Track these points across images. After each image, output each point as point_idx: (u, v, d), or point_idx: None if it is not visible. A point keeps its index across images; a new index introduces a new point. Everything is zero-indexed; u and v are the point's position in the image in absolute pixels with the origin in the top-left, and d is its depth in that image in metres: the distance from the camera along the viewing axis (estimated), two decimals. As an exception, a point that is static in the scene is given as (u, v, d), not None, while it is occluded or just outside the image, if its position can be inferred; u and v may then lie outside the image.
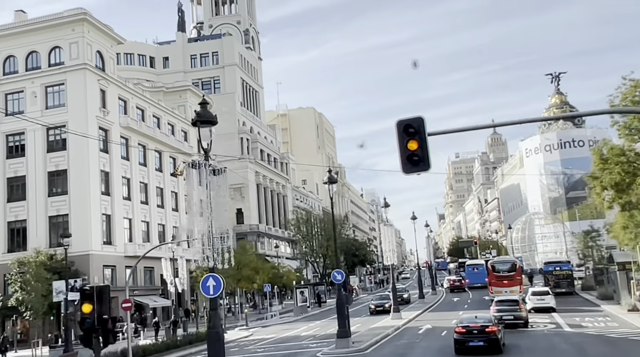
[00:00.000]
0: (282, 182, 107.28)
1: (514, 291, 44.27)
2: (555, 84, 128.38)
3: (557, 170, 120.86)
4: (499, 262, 52.17)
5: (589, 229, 46.41)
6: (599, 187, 33.33)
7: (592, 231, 44.99)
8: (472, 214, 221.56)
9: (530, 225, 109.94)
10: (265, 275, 53.43)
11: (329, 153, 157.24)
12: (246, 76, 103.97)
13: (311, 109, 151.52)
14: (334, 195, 30.21)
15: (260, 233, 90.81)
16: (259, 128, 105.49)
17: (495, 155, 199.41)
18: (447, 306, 48.48)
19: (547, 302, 38.57)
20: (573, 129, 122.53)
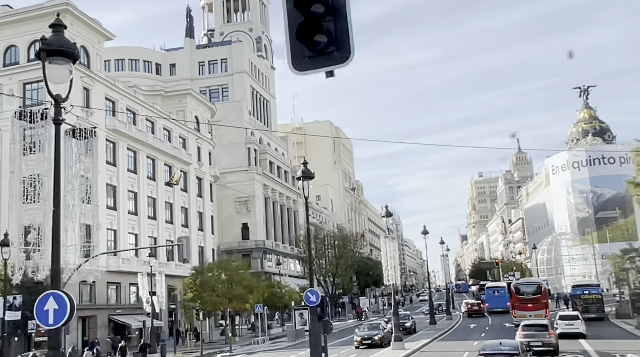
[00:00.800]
0: (292, 196, 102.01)
1: (539, 315, 41.12)
2: (584, 98, 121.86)
3: (585, 189, 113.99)
4: (523, 284, 48.71)
5: (627, 247, 40.63)
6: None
7: (631, 250, 39.17)
8: (495, 234, 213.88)
9: (556, 246, 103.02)
10: (259, 294, 48.02)
11: (346, 168, 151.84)
12: (257, 85, 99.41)
13: (327, 123, 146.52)
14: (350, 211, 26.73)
15: (266, 249, 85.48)
16: (270, 139, 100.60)
17: (519, 174, 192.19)
18: (461, 334, 42.58)
19: (576, 328, 35.41)
20: (603, 145, 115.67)
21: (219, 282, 47.55)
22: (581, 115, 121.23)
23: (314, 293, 19.48)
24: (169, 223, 61.85)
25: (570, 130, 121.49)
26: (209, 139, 73.00)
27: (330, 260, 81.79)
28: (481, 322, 52.00)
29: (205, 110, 73.10)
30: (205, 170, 70.70)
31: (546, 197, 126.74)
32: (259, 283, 48.39)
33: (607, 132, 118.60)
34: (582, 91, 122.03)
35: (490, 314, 61.95)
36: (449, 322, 51.66)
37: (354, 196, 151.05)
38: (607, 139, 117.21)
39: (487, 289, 64.65)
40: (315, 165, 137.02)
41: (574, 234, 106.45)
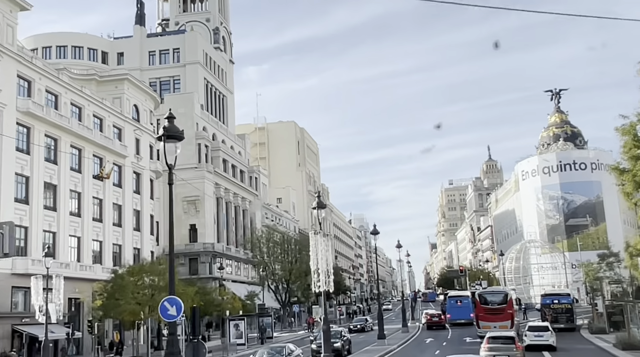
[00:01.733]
0: (249, 197, 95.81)
1: (504, 326, 39.04)
2: (556, 101, 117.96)
3: (556, 195, 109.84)
4: (488, 293, 45.41)
5: (604, 252, 35.68)
6: (631, 184, 21.98)
7: (609, 255, 34.17)
8: (464, 243, 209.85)
9: (525, 254, 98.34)
10: (187, 302, 41.69)
11: (311, 171, 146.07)
12: (212, 77, 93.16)
13: (292, 123, 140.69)
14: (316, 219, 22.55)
15: (215, 253, 79.01)
16: (225, 136, 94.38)
17: (489, 181, 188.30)
18: (413, 350, 36.89)
19: (546, 340, 33.62)
20: (574, 151, 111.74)
21: (140, 288, 41.22)
22: (552, 119, 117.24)
23: (173, 302, 13.53)
24: (97, 221, 55.19)
25: (541, 135, 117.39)
26: (151, 130, 66.50)
27: (284, 265, 75.72)
28: (440, 336, 46.43)
29: (147, 99, 66.64)
30: (144, 165, 64.15)
31: (515, 204, 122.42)
32: (186, 290, 42.06)
33: (579, 137, 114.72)
34: (553, 94, 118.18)
35: (452, 326, 56.49)
36: (404, 335, 45.92)
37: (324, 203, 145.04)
38: (578, 144, 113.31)
39: (449, 299, 59.18)
40: (277, 167, 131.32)
41: (543, 242, 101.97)
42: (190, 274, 76.23)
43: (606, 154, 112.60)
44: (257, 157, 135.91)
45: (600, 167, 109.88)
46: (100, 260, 54.62)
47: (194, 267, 78.41)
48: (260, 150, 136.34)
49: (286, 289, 75.27)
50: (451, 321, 57.59)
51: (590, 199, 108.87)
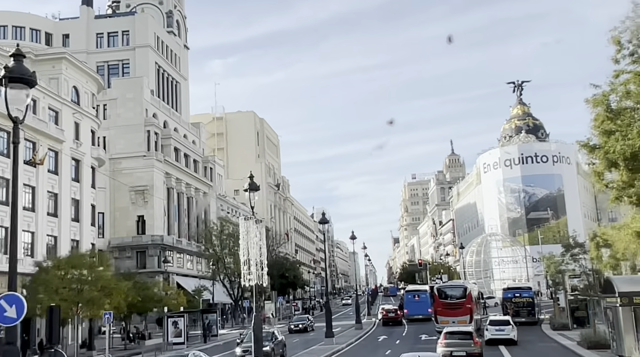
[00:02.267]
0: (203, 188, 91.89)
1: (463, 321, 37.84)
2: (518, 93, 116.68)
3: (517, 188, 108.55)
4: (447, 287, 44.01)
5: (569, 243, 33.40)
6: (603, 162, 19.21)
7: (574, 246, 31.80)
8: (426, 237, 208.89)
9: (486, 247, 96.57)
10: (120, 297, 38.10)
11: (271, 163, 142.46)
12: (164, 62, 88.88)
13: (251, 113, 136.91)
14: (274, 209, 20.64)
15: (165, 246, 75.10)
16: (178, 124, 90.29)
17: (452, 175, 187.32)
18: (363, 350, 33.94)
19: (507, 334, 33.38)
20: (536, 143, 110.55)
21: (67, 283, 37.33)
22: (515, 111, 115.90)
23: (15, 302, 10.16)
24: (29, 211, 50.92)
25: (503, 127, 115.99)
26: (93, 115, 62.25)
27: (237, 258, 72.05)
28: (395, 332, 43.67)
29: (89, 80, 62.29)
30: (85, 151, 59.87)
31: (477, 197, 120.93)
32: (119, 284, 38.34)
33: (541, 130, 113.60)
34: (516, 86, 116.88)
35: (410, 322, 53.97)
36: (356, 333, 42.95)
37: (278, 193, 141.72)
38: (540, 137, 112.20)
39: (406, 294, 56.62)
40: (236, 158, 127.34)
41: (504, 235, 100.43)
42: (138, 268, 72.34)
43: (568, 147, 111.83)
44: (214, 148, 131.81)
45: (562, 160, 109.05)
46: (32, 252, 50.45)
47: (142, 260, 74.45)
48: (218, 140, 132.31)
49: (238, 284, 71.64)
50: (409, 317, 55.08)
51: (551, 192, 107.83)
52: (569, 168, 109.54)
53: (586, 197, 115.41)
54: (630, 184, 19.69)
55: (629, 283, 23.73)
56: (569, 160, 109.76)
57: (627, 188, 19.68)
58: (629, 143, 18.08)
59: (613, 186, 20.19)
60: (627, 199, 20.36)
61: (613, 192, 20.04)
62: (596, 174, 19.92)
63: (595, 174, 19.92)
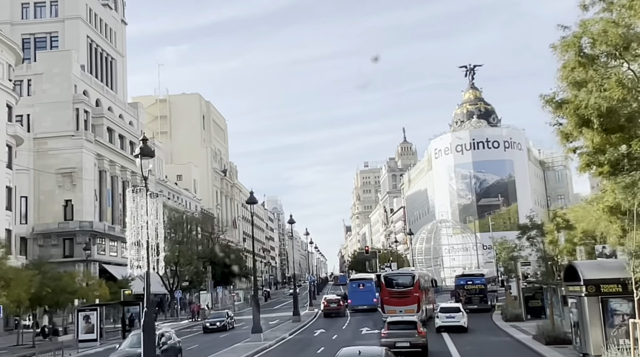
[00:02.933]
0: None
1: (410, 310, 36.10)
2: (470, 77, 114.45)
3: (468, 174, 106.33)
4: (394, 275, 42.23)
5: (525, 224, 30.51)
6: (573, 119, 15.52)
7: (532, 227, 28.76)
8: (377, 225, 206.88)
9: (436, 235, 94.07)
10: (21, 289, 33.23)
11: (217, 148, 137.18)
12: (97, 36, 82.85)
13: (196, 96, 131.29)
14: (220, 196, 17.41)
15: (95, 233, 69.70)
16: (113, 103, 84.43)
17: (403, 162, 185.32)
18: (293, 347, 29.97)
19: (457, 321, 33.27)
20: (487, 128, 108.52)
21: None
22: (466, 96, 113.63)
23: None
24: None
25: (455, 112, 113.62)
26: (9, 88, 56.50)
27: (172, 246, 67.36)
28: (335, 325, 39.96)
29: (4, 50, 56.48)
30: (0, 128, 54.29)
31: (428, 184, 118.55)
32: (19, 275, 33.51)
33: (492, 115, 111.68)
34: (468, 70, 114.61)
35: (354, 313, 50.44)
36: (293, 326, 39.06)
37: (225, 179, 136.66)
38: (492, 122, 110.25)
39: (350, 283, 53.09)
40: (180, 142, 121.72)
41: (454, 222, 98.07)
42: (64, 257, 67.05)
43: (519, 132, 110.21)
44: (157, 131, 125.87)
45: (513, 146, 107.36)
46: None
47: (70, 248, 68.94)
48: (161, 124, 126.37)
49: (174, 273, 67.01)
50: (353, 307, 51.57)
51: (502, 178, 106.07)
52: (520, 154, 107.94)
53: (537, 184, 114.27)
54: (601, 150, 16.09)
55: (596, 269, 20.34)
56: (520, 146, 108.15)
57: (598, 153, 16.08)
58: (604, 95, 14.46)
59: (582, 151, 16.58)
60: (596, 169, 16.78)
61: (582, 158, 16.44)
62: (563, 135, 16.29)
63: (562, 135, 16.29)
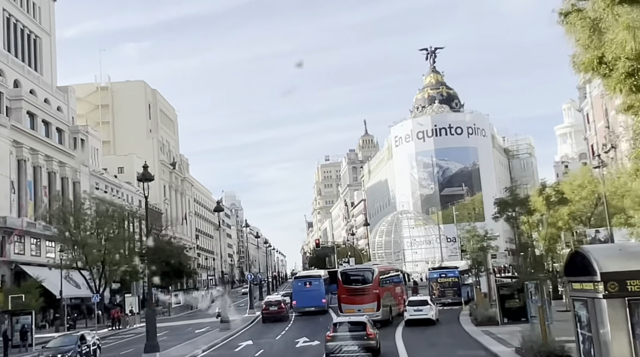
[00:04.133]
0: (70, 163, 77.95)
1: (370, 309, 33.81)
2: (431, 61, 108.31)
3: (430, 163, 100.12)
4: (351, 271, 39.21)
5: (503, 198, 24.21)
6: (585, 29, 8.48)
7: (512, 203, 22.33)
8: (338, 219, 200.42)
9: (397, 227, 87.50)
10: None
11: (165, 139, 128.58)
12: (16, 10, 73.99)
13: (141, 83, 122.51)
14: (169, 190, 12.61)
15: (10, 230, 61.13)
16: (37, 86, 75.75)
17: (364, 154, 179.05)
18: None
19: (425, 314, 33.19)
20: (450, 114, 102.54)
21: None
22: (427, 80, 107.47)
23: None
24: None
25: (416, 97, 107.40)
26: None
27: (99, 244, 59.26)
28: (269, 334, 32.80)
29: None
30: None
31: (389, 174, 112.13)
32: None
33: (455, 100, 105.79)
34: (428, 53, 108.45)
35: (300, 316, 43.37)
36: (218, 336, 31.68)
37: (175, 172, 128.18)
38: (454, 107, 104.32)
39: (295, 281, 46.05)
40: (122, 132, 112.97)
41: (416, 213, 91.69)
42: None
43: (483, 118, 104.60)
44: (98, 121, 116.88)
45: (477, 132, 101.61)
46: None
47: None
48: (103, 113, 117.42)
49: (101, 273, 58.86)
50: (298, 309, 44.53)
51: (466, 166, 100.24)
52: (484, 141, 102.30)
53: (502, 172, 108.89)
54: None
55: (617, 258, 13.57)
56: (484, 132, 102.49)
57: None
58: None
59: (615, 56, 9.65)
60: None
61: (622, 66, 9.49)
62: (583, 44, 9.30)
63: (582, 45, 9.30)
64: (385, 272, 39.09)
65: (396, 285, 40.82)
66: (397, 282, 41.95)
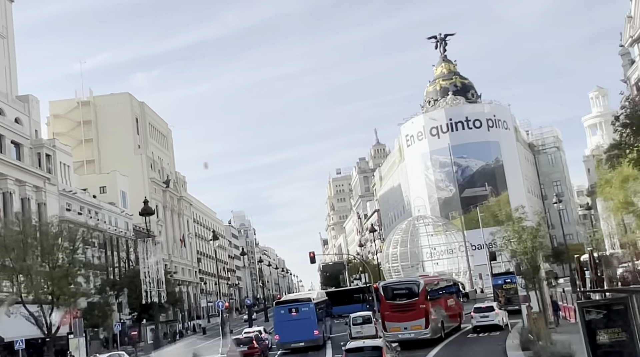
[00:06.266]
0: (32, 181, 67.71)
1: (417, 326, 31.10)
2: (441, 49, 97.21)
3: (447, 161, 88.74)
4: (394, 284, 35.95)
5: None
6: None
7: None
8: (352, 234, 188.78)
9: (413, 235, 75.83)
10: None
11: (157, 155, 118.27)
12: (-42, 8, 64.25)
13: (126, 95, 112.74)
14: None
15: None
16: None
17: (375, 163, 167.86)
18: None
19: (491, 320, 33.62)
20: (466, 105, 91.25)
21: None
22: (439, 71, 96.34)
23: None
24: None
25: (427, 90, 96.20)
26: None
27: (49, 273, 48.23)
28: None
29: None
30: None
31: (401, 177, 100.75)
32: None
33: (471, 90, 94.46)
34: (438, 41, 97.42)
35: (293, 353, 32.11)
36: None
37: (169, 191, 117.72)
38: (470, 98, 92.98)
39: (277, 308, 34.55)
40: (108, 150, 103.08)
41: (435, 218, 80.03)
42: None
43: (504, 109, 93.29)
44: (81, 140, 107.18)
45: (498, 125, 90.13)
46: None
47: None
48: (85, 130, 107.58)
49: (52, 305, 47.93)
50: (283, 345, 33.27)
51: (488, 163, 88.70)
52: (506, 134, 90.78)
53: (528, 169, 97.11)
54: None
55: None
56: (506, 124, 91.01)
57: None
58: None
59: None
60: None
61: None
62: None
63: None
64: (433, 284, 35.75)
65: (448, 297, 37.64)
66: (450, 293, 38.78)
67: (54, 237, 49.22)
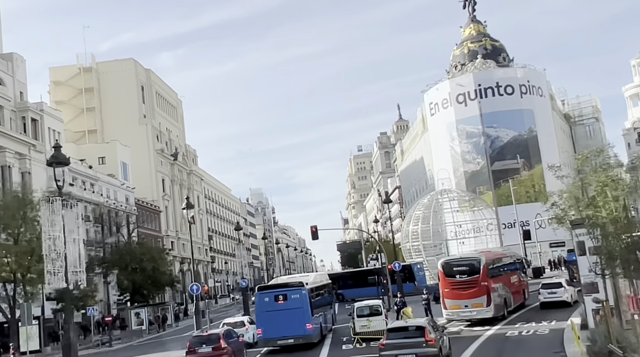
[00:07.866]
0: (16, 148, 61.45)
1: (478, 304, 30.30)
2: (470, 9, 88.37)
3: (475, 131, 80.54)
4: (453, 262, 33.41)
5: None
6: None
7: None
8: (373, 212, 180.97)
9: (436, 212, 67.88)
10: None
11: (165, 126, 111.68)
12: None
13: (131, 61, 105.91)
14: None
15: None
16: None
17: (397, 137, 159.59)
18: None
19: (559, 296, 33.52)
20: (497, 69, 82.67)
21: None
22: (467, 32, 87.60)
23: None
24: None
25: (453, 53, 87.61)
26: None
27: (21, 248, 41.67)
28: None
29: None
30: None
31: (424, 150, 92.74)
32: None
33: (502, 53, 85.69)
34: (466, 1, 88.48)
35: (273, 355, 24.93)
36: None
37: (177, 164, 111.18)
38: (501, 62, 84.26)
39: (259, 294, 26.87)
40: (110, 119, 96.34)
41: (461, 192, 72.07)
42: None
43: (539, 74, 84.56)
44: (83, 108, 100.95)
45: (532, 91, 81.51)
46: None
47: None
48: (87, 97, 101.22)
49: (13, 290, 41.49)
50: (267, 342, 26.14)
51: (520, 133, 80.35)
52: (541, 102, 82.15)
53: (564, 141, 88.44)
54: None
55: None
56: (540, 91, 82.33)
57: None
58: None
59: None
60: None
61: None
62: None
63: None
64: (495, 260, 34.38)
65: (512, 273, 36.21)
66: (513, 270, 36.97)
67: (17, 208, 42.60)
